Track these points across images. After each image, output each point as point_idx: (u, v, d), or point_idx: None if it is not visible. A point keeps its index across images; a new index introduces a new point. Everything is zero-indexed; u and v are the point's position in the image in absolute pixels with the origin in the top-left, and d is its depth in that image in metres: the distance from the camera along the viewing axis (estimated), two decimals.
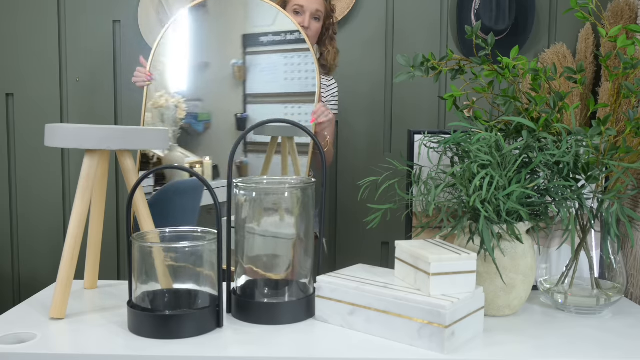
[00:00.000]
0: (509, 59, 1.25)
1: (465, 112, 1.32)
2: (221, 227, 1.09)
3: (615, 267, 1.25)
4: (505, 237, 1.17)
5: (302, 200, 1.16)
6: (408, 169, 1.35)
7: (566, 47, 2.10)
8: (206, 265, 1.10)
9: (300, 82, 1.84)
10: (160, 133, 1.27)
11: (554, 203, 1.14)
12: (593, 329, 1.14)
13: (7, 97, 2.27)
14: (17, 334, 1.07)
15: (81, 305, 1.24)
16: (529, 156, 1.17)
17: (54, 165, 2.29)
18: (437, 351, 1.00)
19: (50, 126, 1.20)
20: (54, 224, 2.31)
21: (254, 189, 1.15)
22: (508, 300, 1.18)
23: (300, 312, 1.15)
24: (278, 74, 1.85)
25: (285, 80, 1.85)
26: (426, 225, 1.26)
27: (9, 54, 2.26)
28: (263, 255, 1.16)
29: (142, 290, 1.10)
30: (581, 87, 1.25)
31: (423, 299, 1.02)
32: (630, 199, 1.49)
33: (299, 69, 1.84)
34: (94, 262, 1.35)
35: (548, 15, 2.25)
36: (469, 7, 2.18)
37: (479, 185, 1.07)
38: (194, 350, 1.00)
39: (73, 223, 1.18)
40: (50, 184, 2.30)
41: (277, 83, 1.85)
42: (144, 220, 1.28)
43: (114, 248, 2.33)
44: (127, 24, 2.24)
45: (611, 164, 1.15)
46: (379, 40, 2.24)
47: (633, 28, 1.16)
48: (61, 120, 2.28)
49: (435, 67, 1.30)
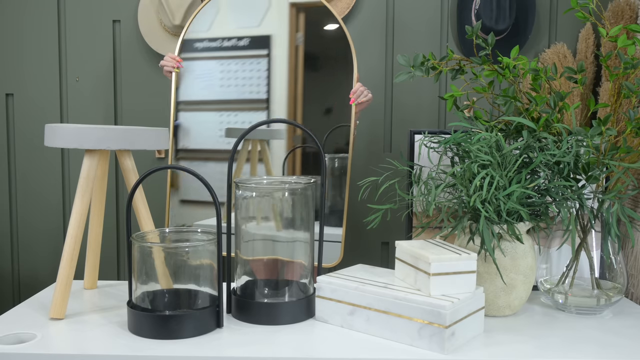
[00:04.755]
0: (509, 59, 1.24)
1: (465, 112, 1.32)
2: (221, 227, 1.09)
3: (615, 267, 1.24)
4: (506, 237, 1.17)
5: (302, 200, 1.15)
6: (408, 169, 1.35)
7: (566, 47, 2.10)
8: (206, 265, 1.10)
9: (237, 89, 1.82)
10: (160, 133, 1.27)
11: (555, 203, 1.14)
12: (593, 329, 1.14)
13: (7, 97, 2.27)
14: (17, 334, 1.07)
15: (81, 306, 1.24)
16: (529, 156, 1.17)
17: (54, 165, 2.29)
18: (438, 351, 1.00)
19: (50, 126, 1.20)
20: (54, 224, 2.31)
21: (253, 189, 1.15)
22: (508, 300, 1.18)
23: (300, 312, 1.15)
24: (213, 81, 1.84)
25: (221, 87, 1.83)
26: (426, 225, 1.26)
27: (9, 54, 2.25)
28: (263, 255, 1.16)
29: (142, 290, 1.10)
30: (581, 87, 1.25)
31: (423, 299, 1.02)
32: (630, 199, 1.49)
33: (235, 75, 1.83)
34: (93, 262, 1.35)
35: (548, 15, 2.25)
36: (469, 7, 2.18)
37: (479, 185, 1.07)
38: (193, 350, 1.00)
39: (73, 223, 1.18)
40: (50, 184, 2.30)
41: (212, 90, 1.83)
42: (143, 220, 1.28)
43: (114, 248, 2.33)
44: (127, 24, 2.24)
45: (611, 164, 1.15)
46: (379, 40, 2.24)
47: (633, 28, 1.16)
48: (61, 120, 2.28)
49: (436, 67, 1.30)
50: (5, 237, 2.33)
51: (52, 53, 2.25)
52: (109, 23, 2.24)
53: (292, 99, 1.84)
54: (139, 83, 2.25)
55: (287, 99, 1.83)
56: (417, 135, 1.41)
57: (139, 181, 1.11)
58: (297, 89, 1.84)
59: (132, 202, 1.26)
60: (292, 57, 1.84)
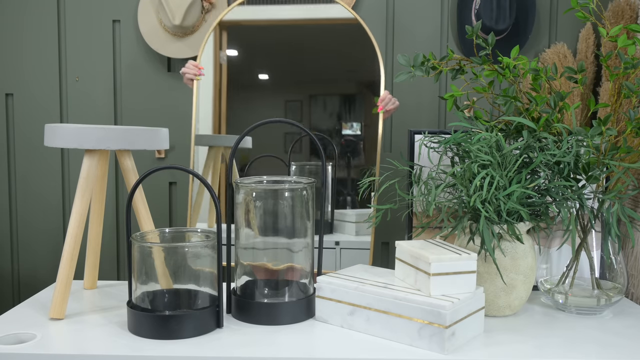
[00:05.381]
0: (509, 59, 1.24)
1: (465, 112, 1.32)
2: (221, 227, 1.09)
3: (615, 267, 1.24)
4: (506, 237, 1.17)
5: (302, 199, 1.15)
6: (408, 169, 1.35)
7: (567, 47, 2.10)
8: (206, 265, 1.10)
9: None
10: (160, 133, 1.27)
11: (555, 203, 1.14)
12: (593, 329, 1.14)
13: (7, 97, 2.27)
14: (17, 334, 1.07)
15: (81, 306, 1.24)
16: (530, 156, 1.17)
17: (54, 165, 2.29)
18: (438, 351, 1.00)
19: (50, 126, 1.20)
20: (54, 224, 2.31)
21: (253, 189, 1.15)
22: (508, 300, 1.18)
23: (300, 312, 1.15)
24: None
25: None
26: (426, 225, 1.26)
27: (9, 53, 2.25)
28: (263, 255, 1.16)
29: (142, 290, 1.10)
30: (582, 86, 1.25)
31: (423, 299, 1.02)
32: (630, 199, 1.49)
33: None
34: (93, 262, 1.35)
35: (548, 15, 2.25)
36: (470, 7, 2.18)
37: (479, 185, 1.07)
38: (193, 350, 1.00)
39: (73, 223, 1.18)
40: (50, 184, 2.30)
41: None
42: (143, 220, 1.28)
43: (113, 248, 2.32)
44: (127, 24, 2.24)
45: (612, 164, 1.15)
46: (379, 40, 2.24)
47: (634, 28, 1.16)
48: (61, 120, 2.28)
49: (436, 67, 1.30)
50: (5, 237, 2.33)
51: (52, 53, 2.25)
52: (109, 23, 2.24)
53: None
54: (138, 83, 2.25)
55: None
56: (417, 135, 1.41)
57: (139, 181, 1.11)
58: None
59: (132, 202, 1.26)
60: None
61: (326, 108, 1.91)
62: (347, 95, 1.93)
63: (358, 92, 1.93)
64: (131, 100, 2.26)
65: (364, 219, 1.79)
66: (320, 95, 1.91)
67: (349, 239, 1.79)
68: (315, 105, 1.91)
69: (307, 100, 1.90)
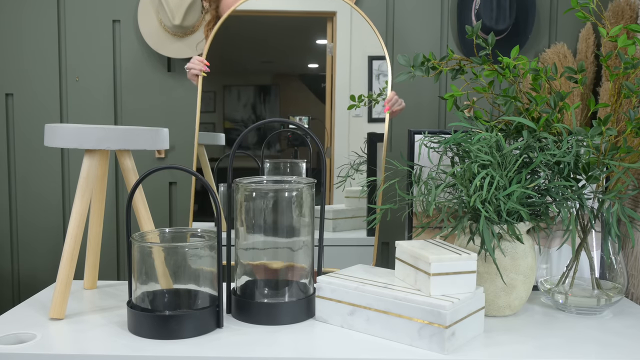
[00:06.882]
0: (509, 59, 1.24)
1: (465, 112, 1.32)
2: (221, 227, 1.09)
3: (615, 267, 1.24)
4: (506, 237, 1.17)
5: (302, 199, 1.15)
6: (408, 169, 1.35)
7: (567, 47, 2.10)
8: (206, 265, 1.10)
9: None
10: (160, 133, 1.27)
11: (555, 203, 1.14)
12: (593, 329, 1.14)
13: (7, 97, 2.27)
14: (17, 334, 1.07)
15: (81, 306, 1.24)
16: (530, 156, 1.17)
17: (54, 165, 2.29)
18: (438, 351, 1.00)
19: (50, 126, 1.20)
20: (54, 224, 2.31)
21: (253, 189, 1.15)
22: (508, 300, 1.18)
23: (300, 312, 1.15)
24: None
25: None
26: (426, 225, 1.26)
27: (9, 53, 2.25)
28: (263, 255, 1.16)
29: (142, 290, 1.10)
30: (582, 86, 1.25)
31: (423, 299, 1.02)
32: (630, 199, 1.49)
33: None
34: (93, 262, 1.35)
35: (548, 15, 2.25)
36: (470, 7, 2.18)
37: (479, 185, 1.07)
38: (193, 350, 1.00)
39: (73, 223, 1.18)
40: (50, 184, 2.30)
41: None
42: (143, 220, 1.28)
43: (113, 248, 2.32)
44: (127, 24, 2.24)
45: (612, 164, 1.15)
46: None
47: (634, 28, 1.16)
48: (61, 120, 2.28)
49: (436, 67, 1.30)
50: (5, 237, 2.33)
51: (52, 53, 2.25)
52: (109, 23, 2.24)
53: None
54: (139, 83, 2.25)
55: None
56: (417, 135, 1.41)
57: (139, 181, 1.11)
58: None
59: (132, 202, 1.26)
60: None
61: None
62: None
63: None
64: (131, 100, 2.26)
65: (342, 215, 1.80)
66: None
67: (327, 235, 1.76)
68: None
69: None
